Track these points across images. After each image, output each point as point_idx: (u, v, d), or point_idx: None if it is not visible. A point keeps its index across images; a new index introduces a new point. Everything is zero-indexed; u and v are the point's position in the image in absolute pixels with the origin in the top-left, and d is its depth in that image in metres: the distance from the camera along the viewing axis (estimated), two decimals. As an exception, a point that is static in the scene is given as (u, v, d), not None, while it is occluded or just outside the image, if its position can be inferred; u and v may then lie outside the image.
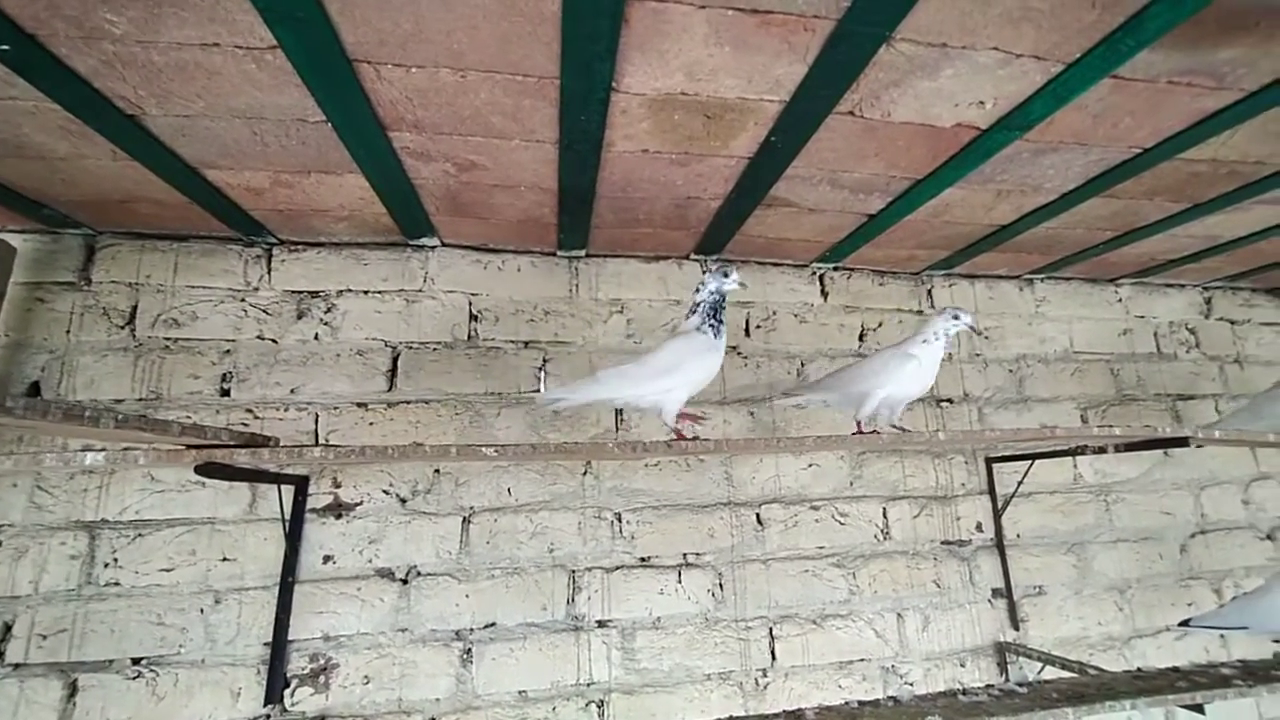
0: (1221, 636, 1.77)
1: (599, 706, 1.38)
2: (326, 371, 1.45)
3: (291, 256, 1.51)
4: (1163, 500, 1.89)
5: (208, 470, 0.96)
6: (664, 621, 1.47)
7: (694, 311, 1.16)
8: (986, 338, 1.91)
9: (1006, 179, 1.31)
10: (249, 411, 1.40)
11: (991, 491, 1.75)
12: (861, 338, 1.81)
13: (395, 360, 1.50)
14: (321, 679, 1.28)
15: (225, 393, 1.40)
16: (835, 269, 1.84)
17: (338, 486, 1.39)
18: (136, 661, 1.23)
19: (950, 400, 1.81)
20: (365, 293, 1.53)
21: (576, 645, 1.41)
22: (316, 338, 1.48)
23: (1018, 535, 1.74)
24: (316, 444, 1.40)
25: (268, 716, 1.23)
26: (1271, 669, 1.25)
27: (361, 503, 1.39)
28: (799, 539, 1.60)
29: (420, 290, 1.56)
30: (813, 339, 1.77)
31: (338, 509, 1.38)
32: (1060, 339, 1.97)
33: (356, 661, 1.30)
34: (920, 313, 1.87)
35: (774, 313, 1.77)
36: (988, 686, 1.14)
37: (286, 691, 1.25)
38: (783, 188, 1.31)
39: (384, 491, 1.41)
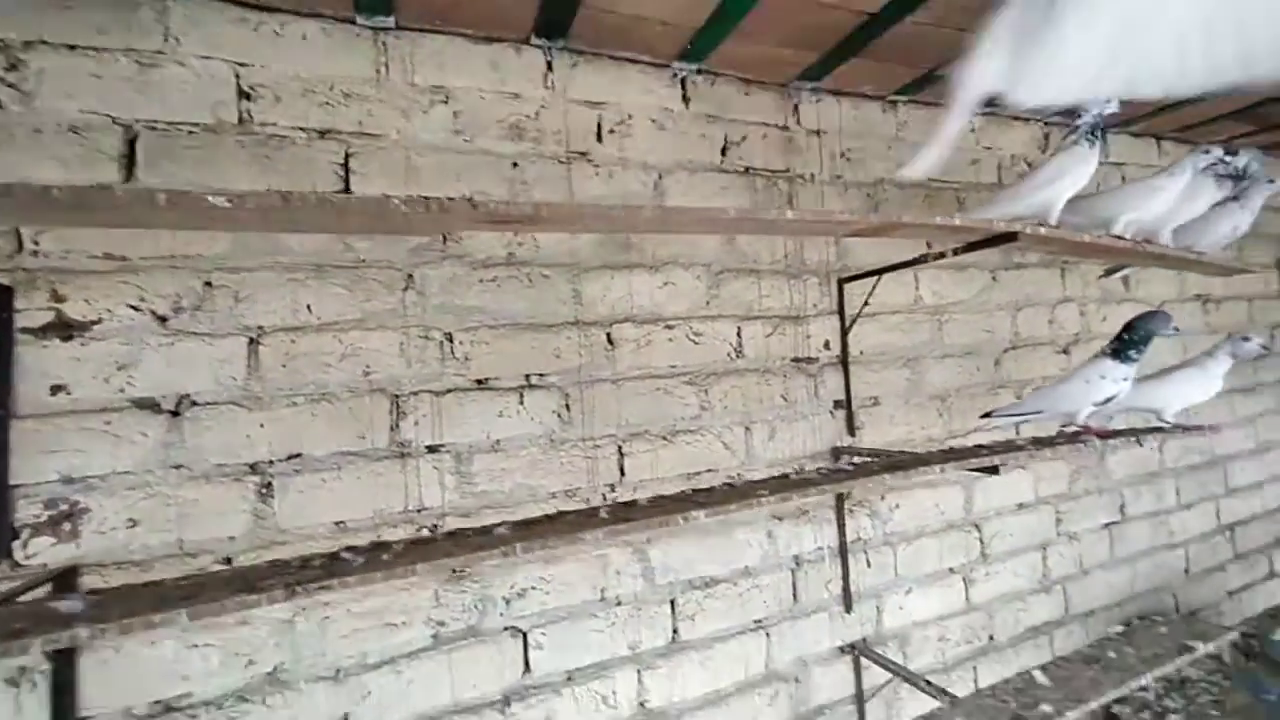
0: (1017, 430, 1.99)
1: (431, 530, 1.29)
2: (23, 154, 1.07)
3: (-66, -19, 1.05)
4: (987, 320, 2.04)
5: None
6: (504, 444, 1.36)
7: (1073, 130, 1.45)
8: (848, 159, 1.85)
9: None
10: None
11: (841, 311, 1.77)
12: (724, 152, 1.68)
13: (132, 144, 1.14)
14: (66, 526, 1.05)
15: None
16: (699, 72, 1.64)
17: (60, 301, 1.07)
18: None
19: (809, 222, 1.76)
20: (71, 48, 1.12)
21: (404, 472, 1.27)
22: (1, 106, 1.07)
23: (861, 352, 1.80)
24: (20, 248, 1.06)
25: (-6, 574, 1.00)
26: (1054, 440, 1.40)
27: (100, 320, 1.09)
28: (651, 358, 1.53)
29: (160, 52, 1.17)
30: (672, 149, 1.61)
31: (65, 329, 1.07)
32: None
33: (114, 504, 1.08)
34: (786, 128, 1.76)
35: (630, 116, 1.56)
36: (818, 468, 1.17)
37: (16, 543, 1.01)
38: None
39: (131, 307, 1.11)
